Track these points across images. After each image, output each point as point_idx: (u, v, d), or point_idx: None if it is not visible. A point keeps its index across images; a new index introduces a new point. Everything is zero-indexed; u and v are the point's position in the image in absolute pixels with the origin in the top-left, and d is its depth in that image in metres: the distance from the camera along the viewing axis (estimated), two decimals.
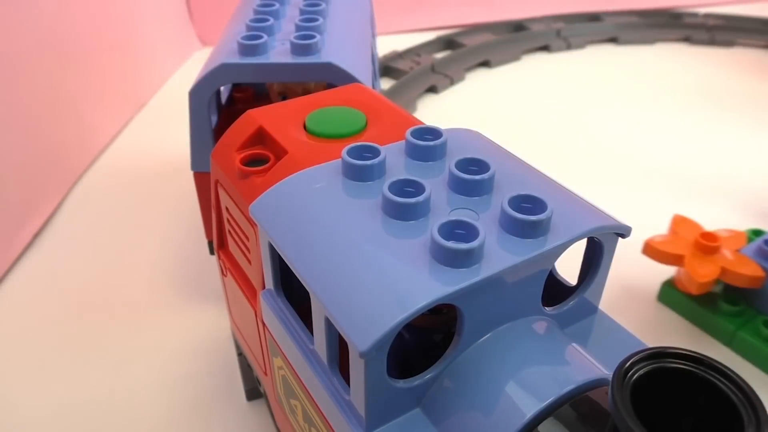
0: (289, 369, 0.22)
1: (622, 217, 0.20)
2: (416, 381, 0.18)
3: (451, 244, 0.16)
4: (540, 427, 0.16)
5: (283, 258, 0.19)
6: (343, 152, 0.21)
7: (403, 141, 0.22)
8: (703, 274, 0.36)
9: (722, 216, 0.48)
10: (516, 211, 0.18)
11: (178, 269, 0.45)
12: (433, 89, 0.72)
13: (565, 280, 0.22)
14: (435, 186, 0.20)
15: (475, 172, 0.20)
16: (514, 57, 0.80)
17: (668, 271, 0.41)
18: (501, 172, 0.20)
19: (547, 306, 0.20)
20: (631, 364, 0.14)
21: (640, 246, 0.39)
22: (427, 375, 0.18)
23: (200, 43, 0.86)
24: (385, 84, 0.71)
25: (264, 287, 0.23)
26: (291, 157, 0.23)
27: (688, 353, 0.14)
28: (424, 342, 0.22)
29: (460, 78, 0.75)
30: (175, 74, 0.78)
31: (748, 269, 0.36)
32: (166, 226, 0.50)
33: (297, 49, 0.34)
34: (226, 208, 0.27)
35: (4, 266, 0.45)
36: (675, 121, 0.65)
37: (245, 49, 0.34)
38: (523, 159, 0.22)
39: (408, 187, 0.19)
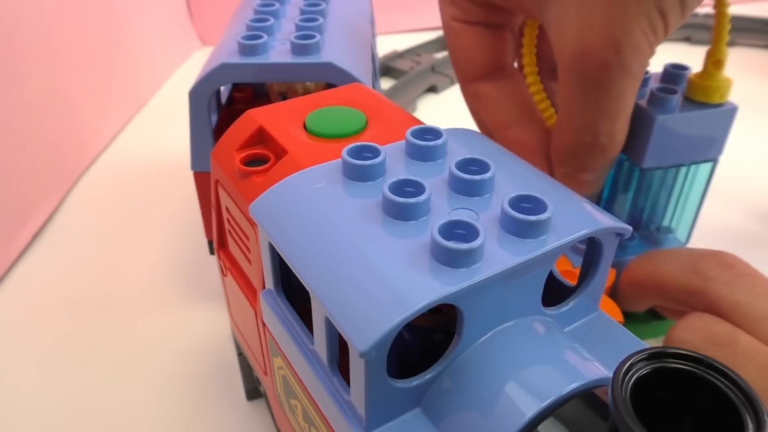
0: (289, 369, 0.22)
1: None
2: (416, 381, 0.18)
3: (452, 244, 0.16)
4: (540, 427, 0.16)
5: (283, 258, 0.19)
6: (343, 152, 0.21)
7: (403, 141, 0.22)
8: None
9: (721, 216, 0.48)
10: (516, 211, 0.18)
11: (178, 269, 0.45)
12: (433, 89, 0.72)
13: (565, 280, 0.22)
14: (435, 186, 0.20)
15: (475, 172, 0.20)
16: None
17: None
18: (501, 172, 0.20)
19: (547, 306, 0.20)
20: (631, 364, 0.14)
21: None
22: (427, 375, 0.18)
23: (200, 43, 0.86)
24: (385, 84, 0.71)
25: (264, 287, 0.23)
26: (291, 157, 0.23)
27: (688, 353, 0.14)
28: (424, 342, 0.22)
29: None
30: (175, 74, 0.78)
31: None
32: (166, 226, 0.50)
33: (297, 49, 0.34)
34: (226, 208, 0.27)
35: (4, 266, 0.45)
36: None
37: (245, 49, 0.34)
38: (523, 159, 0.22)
39: (408, 187, 0.19)
